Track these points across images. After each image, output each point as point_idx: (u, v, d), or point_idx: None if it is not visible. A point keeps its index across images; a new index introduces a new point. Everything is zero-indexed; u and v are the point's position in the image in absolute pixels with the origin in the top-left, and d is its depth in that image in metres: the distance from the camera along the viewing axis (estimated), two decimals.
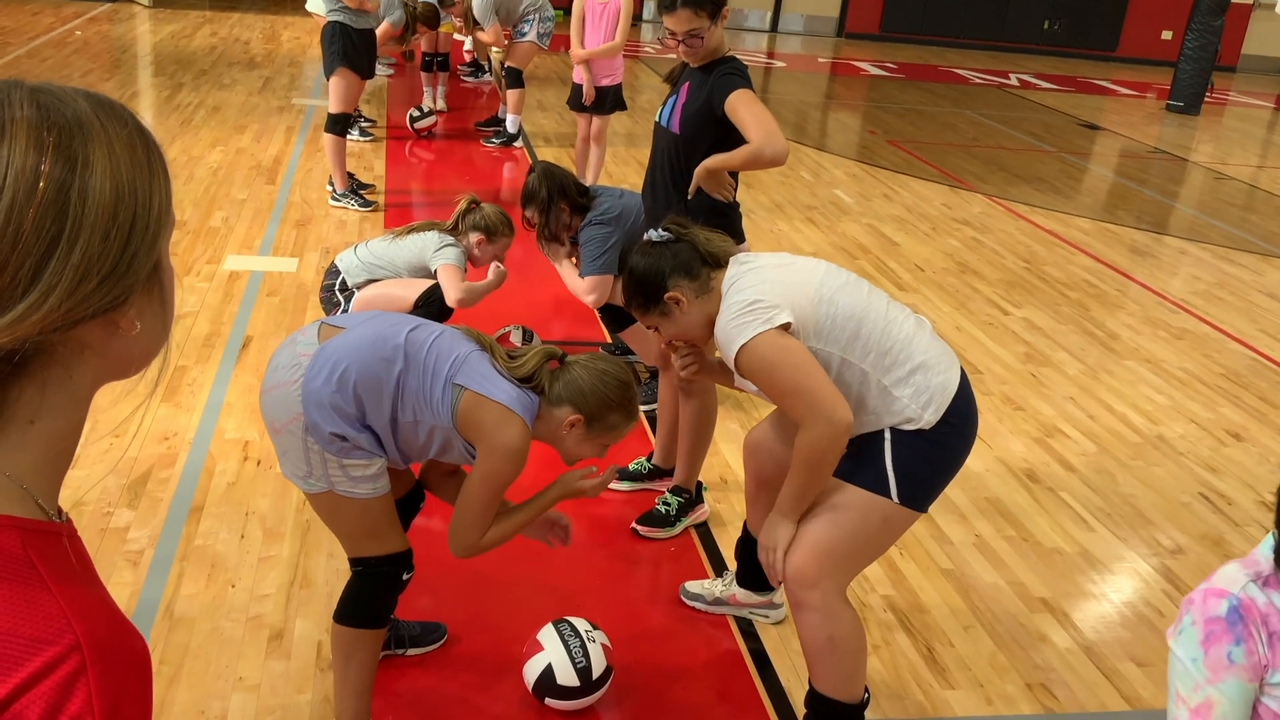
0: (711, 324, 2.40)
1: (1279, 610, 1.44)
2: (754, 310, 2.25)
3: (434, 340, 2.21)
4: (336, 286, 3.91)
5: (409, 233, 3.96)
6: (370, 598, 2.29)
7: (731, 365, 2.31)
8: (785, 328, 2.24)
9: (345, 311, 3.87)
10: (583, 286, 4.01)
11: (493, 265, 4.02)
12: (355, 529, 2.23)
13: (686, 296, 2.38)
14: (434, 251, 3.89)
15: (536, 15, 7.50)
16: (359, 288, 3.89)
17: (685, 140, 3.15)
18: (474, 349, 2.23)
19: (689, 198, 3.17)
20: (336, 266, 3.96)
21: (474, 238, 3.98)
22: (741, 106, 3.03)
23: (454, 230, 3.98)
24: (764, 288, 2.28)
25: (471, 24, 7.83)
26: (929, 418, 2.28)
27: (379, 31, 7.12)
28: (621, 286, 2.51)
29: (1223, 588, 1.48)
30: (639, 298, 2.45)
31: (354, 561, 2.28)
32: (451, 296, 3.79)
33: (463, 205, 4.02)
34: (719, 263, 2.41)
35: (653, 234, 2.46)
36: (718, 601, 3.06)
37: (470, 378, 2.16)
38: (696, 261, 2.39)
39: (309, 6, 6.93)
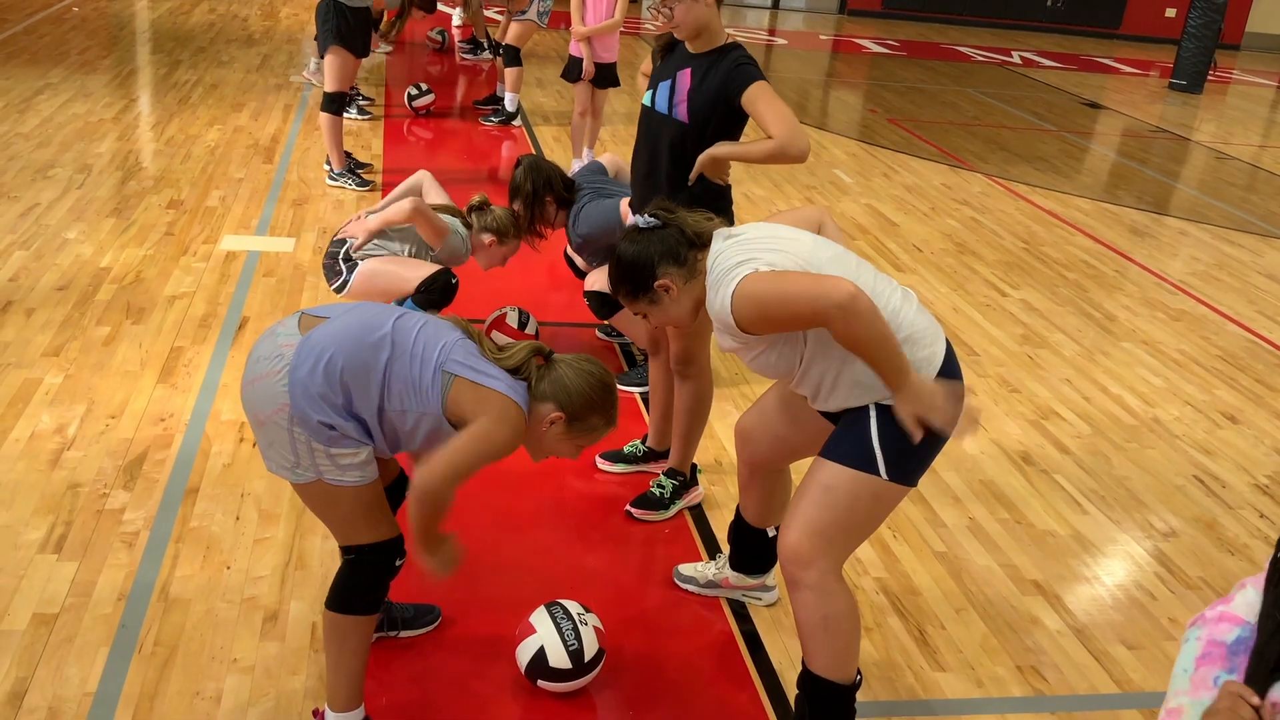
0: (699, 308, 2.40)
1: None
2: (739, 268, 2.24)
3: (421, 328, 2.21)
4: (341, 255, 3.93)
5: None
6: (362, 585, 2.30)
7: (731, 331, 2.30)
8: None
9: (347, 282, 3.91)
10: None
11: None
12: (346, 517, 2.24)
13: (676, 284, 2.38)
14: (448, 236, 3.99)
15: None
16: (363, 258, 3.92)
17: (694, 130, 3.11)
18: (460, 336, 2.23)
19: (690, 184, 3.15)
20: (341, 235, 3.99)
21: (486, 238, 4.08)
22: (761, 100, 2.99)
23: (465, 224, 4.04)
24: (751, 254, 2.27)
25: (472, 13, 7.79)
26: None
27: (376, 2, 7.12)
28: (609, 274, 2.50)
29: (1239, 615, 1.47)
30: (627, 285, 2.43)
31: (345, 549, 2.29)
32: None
33: (475, 201, 4.08)
34: (705, 242, 2.40)
35: (639, 220, 2.45)
36: (710, 584, 3.07)
37: (460, 365, 2.17)
38: (684, 246, 2.38)
39: None
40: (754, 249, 2.28)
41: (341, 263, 3.92)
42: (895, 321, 2.28)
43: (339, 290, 3.97)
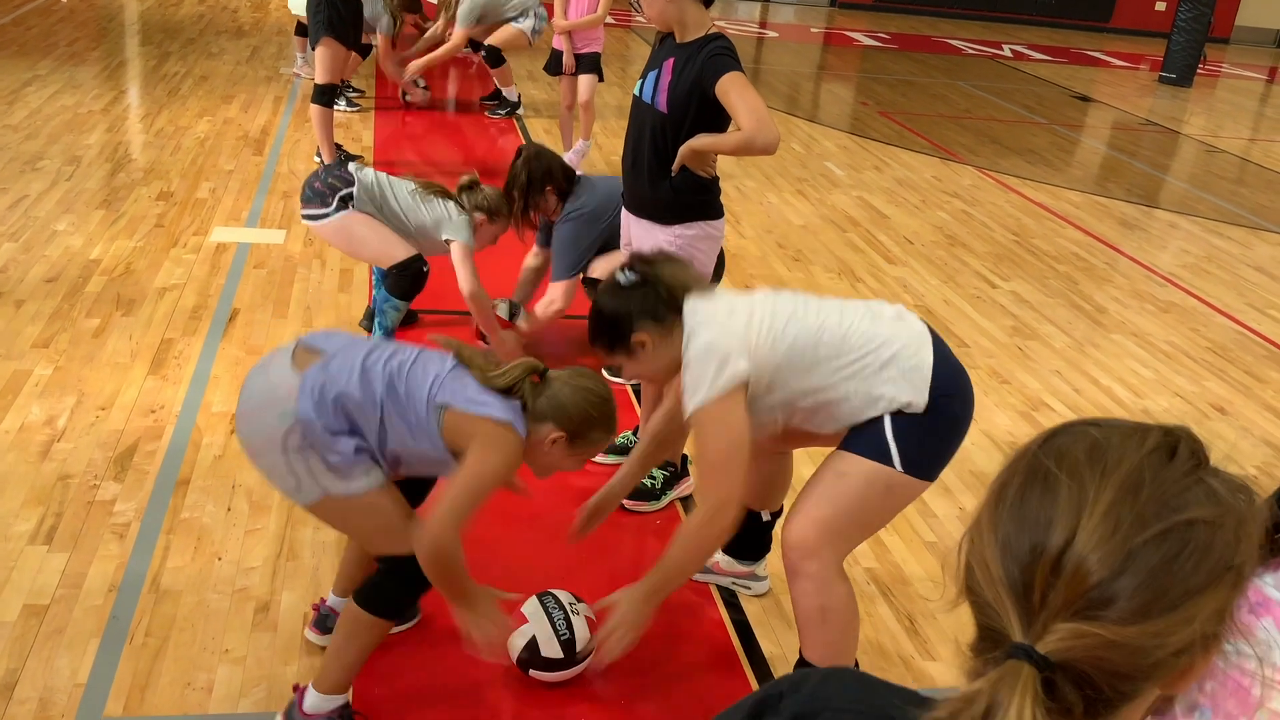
0: (676, 365, 2.40)
1: (1255, 588, 1.46)
2: (709, 360, 2.26)
3: (411, 365, 2.22)
4: (341, 194, 3.92)
5: (431, 195, 4.04)
6: (391, 593, 2.30)
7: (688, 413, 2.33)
8: (743, 387, 2.26)
9: (325, 217, 3.92)
10: (554, 293, 4.12)
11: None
12: (368, 529, 2.24)
13: (652, 340, 2.41)
14: (452, 224, 4.00)
15: (533, 14, 7.55)
16: (355, 206, 3.93)
17: (673, 121, 3.10)
18: (452, 365, 2.23)
19: (672, 175, 3.15)
20: (352, 175, 3.97)
21: (477, 217, 4.07)
22: (733, 91, 2.97)
23: (459, 206, 4.05)
24: (700, 377, 2.28)
25: (449, 17, 7.82)
26: (919, 402, 2.29)
27: (381, 49, 7.29)
28: (589, 325, 2.52)
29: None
30: (605, 339, 2.47)
31: (380, 560, 2.30)
32: (465, 285, 3.94)
33: (464, 181, 4.08)
34: (680, 308, 2.41)
35: (620, 277, 2.47)
36: (703, 569, 3.07)
37: (454, 396, 2.18)
38: (663, 307, 2.40)
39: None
40: (706, 363, 2.26)
41: (336, 198, 3.91)
42: (871, 347, 2.30)
43: (309, 219, 3.97)
